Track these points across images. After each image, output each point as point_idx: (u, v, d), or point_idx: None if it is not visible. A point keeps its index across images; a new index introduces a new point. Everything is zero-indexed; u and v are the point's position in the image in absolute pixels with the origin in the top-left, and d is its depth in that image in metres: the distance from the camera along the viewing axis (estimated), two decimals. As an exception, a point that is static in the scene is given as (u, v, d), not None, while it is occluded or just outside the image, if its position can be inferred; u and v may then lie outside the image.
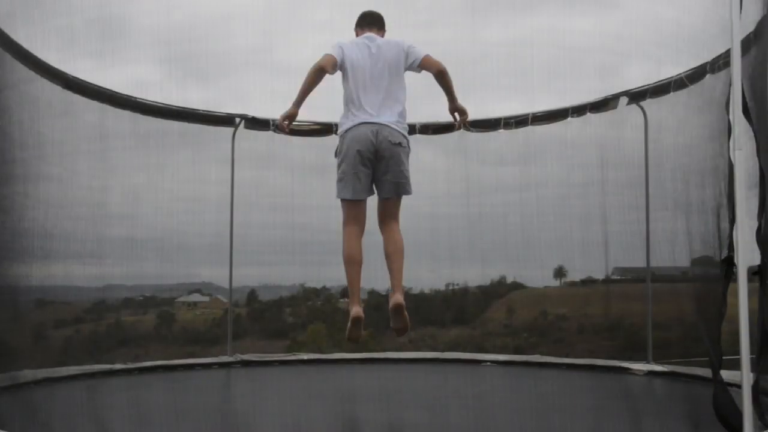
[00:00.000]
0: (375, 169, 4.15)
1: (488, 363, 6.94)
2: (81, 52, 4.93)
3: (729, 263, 3.57)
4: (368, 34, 4.35)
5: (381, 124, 4.09)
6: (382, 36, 4.42)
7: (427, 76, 4.28)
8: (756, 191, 3.90)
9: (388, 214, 4.25)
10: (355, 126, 4.10)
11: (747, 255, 3.38)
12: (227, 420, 4.60)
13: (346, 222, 4.21)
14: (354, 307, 4.14)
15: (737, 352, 3.32)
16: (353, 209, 4.19)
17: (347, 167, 4.12)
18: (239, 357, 7.05)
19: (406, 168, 4.22)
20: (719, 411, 3.58)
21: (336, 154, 4.25)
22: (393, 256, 4.17)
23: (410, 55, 4.24)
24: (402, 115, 4.22)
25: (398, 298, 4.06)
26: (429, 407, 5.01)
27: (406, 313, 4.12)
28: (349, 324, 4.17)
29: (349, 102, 4.19)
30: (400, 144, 4.14)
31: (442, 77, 4.31)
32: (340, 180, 4.17)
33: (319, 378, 6.63)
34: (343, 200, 4.20)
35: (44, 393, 5.29)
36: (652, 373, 6.16)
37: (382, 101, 4.15)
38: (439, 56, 4.25)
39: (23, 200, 5.01)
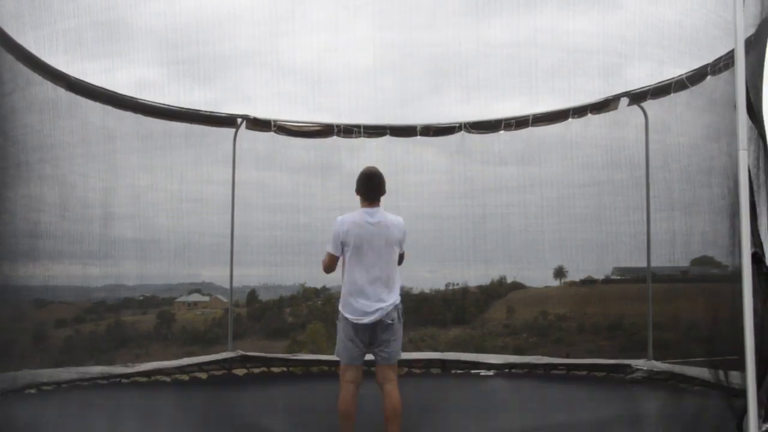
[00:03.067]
0: (371, 343, 4.43)
1: (488, 363, 6.94)
2: (88, 54, 4.95)
3: (758, 261, 3.59)
4: (371, 209, 4.50)
5: (381, 309, 4.35)
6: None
7: (426, 76, 4.33)
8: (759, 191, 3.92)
9: (386, 376, 4.44)
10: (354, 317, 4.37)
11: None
12: (228, 420, 4.61)
13: (344, 379, 4.44)
14: None
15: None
16: (350, 370, 4.42)
17: (345, 338, 4.40)
18: (240, 353, 7.03)
19: (399, 338, 4.48)
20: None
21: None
22: (391, 420, 4.34)
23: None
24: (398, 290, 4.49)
25: None
26: (429, 407, 5.03)
27: None
28: None
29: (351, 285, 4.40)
30: (393, 321, 4.40)
31: None
32: (337, 347, 4.48)
33: (319, 378, 6.65)
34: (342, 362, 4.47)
35: (44, 393, 5.30)
36: (652, 373, 6.18)
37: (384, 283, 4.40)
38: (441, 57, 4.30)
39: (28, 202, 5.03)
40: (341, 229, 4.38)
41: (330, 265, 4.44)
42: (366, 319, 4.33)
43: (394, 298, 4.40)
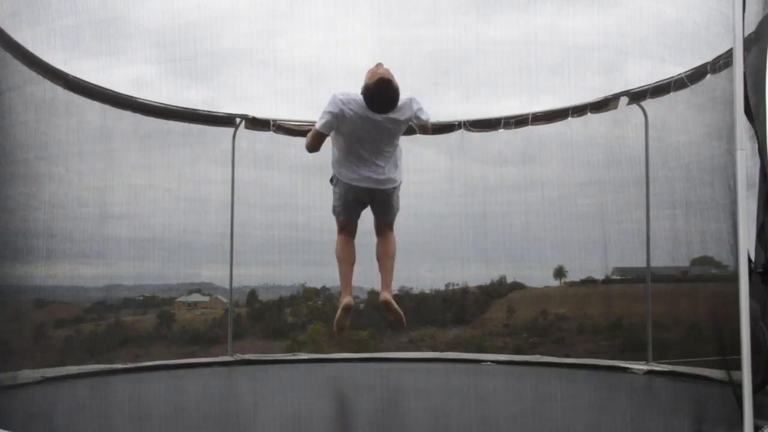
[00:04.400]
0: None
1: (488, 363, 6.93)
2: (85, 52, 4.95)
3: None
4: None
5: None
6: None
7: (426, 73, 4.34)
8: (754, 191, 3.91)
9: (382, 226, 4.68)
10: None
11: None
12: (227, 420, 4.60)
13: (340, 231, 4.67)
14: (345, 297, 4.48)
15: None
16: (347, 225, 4.66)
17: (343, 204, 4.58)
18: (239, 357, 7.03)
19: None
20: None
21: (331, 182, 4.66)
22: (383, 258, 4.60)
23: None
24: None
25: (385, 295, 4.46)
26: (429, 408, 5.01)
27: (395, 306, 4.47)
28: (339, 312, 4.48)
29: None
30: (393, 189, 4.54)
31: None
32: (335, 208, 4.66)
33: (318, 378, 6.63)
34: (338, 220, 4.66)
35: (44, 393, 5.29)
36: (652, 373, 6.16)
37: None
38: (441, 54, 4.34)
39: (26, 200, 5.02)
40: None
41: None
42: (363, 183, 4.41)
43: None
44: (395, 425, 4.46)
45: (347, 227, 4.64)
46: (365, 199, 4.53)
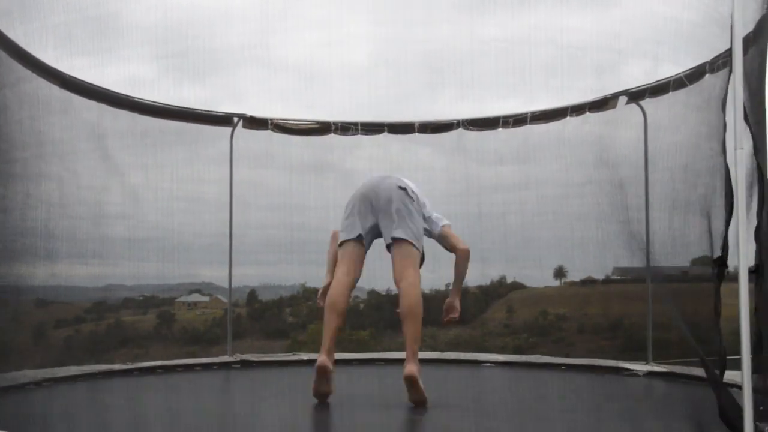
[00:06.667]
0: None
1: (488, 363, 6.91)
2: (78, 50, 4.94)
3: (722, 264, 3.54)
4: None
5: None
6: None
7: (421, 73, 4.32)
8: (752, 191, 3.88)
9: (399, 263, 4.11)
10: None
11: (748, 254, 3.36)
12: (227, 421, 4.59)
13: (340, 263, 4.15)
14: (321, 355, 3.90)
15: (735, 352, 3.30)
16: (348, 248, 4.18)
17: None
18: (239, 357, 7.02)
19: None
20: (725, 415, 3.55)
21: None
22: (403, 319, 3.95)
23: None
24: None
25: (410, 368, 3.83)
26: (429, 408, 4.99)
27: (420, 385, 3.88)
28: (313, 375, 3.95)
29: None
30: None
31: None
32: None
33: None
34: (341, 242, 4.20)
35: (44, 393, 5.29)
36: (652, 373, 6.14)
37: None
38: (436, 54, 4.31)
39: (24, 199, 5.01)
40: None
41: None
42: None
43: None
44: (394, 426, 4.45)
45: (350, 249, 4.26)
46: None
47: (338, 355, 7.48)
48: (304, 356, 7.34)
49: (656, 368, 6.23)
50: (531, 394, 5.63)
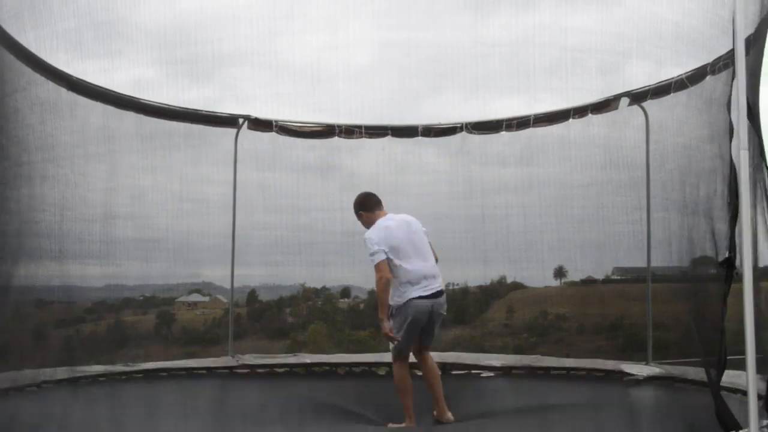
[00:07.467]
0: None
1: (488, 364, 6.92)
2: (87, 53, 4.97)
3: (730, 265, 3.58)
4: (387, 214, 4.95)
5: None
6: None
7: (425, 75, 4.36)
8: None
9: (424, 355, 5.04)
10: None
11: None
12: (227, 421, 4.62)
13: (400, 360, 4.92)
14: (406, 421, 4.78)
15: (735, 352, 3.35)
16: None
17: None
18: (240, 359, 7.00)
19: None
20: (721, 416, 3.59)
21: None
22: (432, 382, 4.96)
23: None
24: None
25: (449, 417, 4.87)
26: (428, 408, 5.03)
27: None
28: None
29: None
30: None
31: None
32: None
33: (318, 377, 6.64)
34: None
35: (44, 393, 5.31)
36: (651, 374, 6.16)
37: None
38: (439, 56, 4.35)
39: (30, 201, 5.04)
40: (379, 238, 4.69)
41: (387, 272, 4.66)
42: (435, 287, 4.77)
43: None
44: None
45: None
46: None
47: (339, 356, 7.54)
48: (307, 358, 7.34)
49: (656, 369, 6.25)
50: (530, 395, 5.62)
